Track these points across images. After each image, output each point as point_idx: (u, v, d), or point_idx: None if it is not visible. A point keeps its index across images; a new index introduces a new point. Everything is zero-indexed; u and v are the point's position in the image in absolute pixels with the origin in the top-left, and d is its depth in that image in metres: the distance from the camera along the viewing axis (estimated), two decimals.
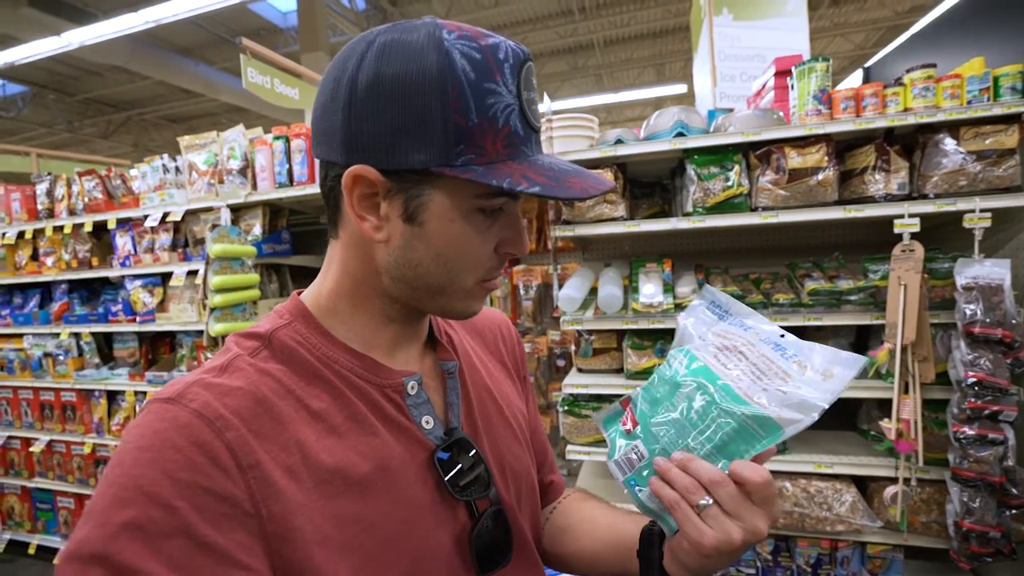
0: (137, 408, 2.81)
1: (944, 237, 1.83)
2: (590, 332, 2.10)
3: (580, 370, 2.16)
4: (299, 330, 0.55)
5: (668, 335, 1.98)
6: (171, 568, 0.40)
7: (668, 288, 1.94)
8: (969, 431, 1.51)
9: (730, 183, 1.75)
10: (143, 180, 2.70)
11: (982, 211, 1.53)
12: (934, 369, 1.60)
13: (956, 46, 2.03)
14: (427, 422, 0.58)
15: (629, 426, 0.57)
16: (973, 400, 1.49)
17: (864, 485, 1.82)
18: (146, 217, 2.56)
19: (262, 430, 0.47)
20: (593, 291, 2.11)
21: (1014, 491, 1.50)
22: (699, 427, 0.51)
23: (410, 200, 0.50)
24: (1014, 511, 1.51)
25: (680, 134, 1.81)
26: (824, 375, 0.48)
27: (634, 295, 1.96)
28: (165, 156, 2.62)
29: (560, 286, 2.10)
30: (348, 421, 0.53)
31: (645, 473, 0.54)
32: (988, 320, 1.50)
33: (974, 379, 1.48)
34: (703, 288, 0.63)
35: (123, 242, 2.77)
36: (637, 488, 0.54)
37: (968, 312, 1.52)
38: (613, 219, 1.92)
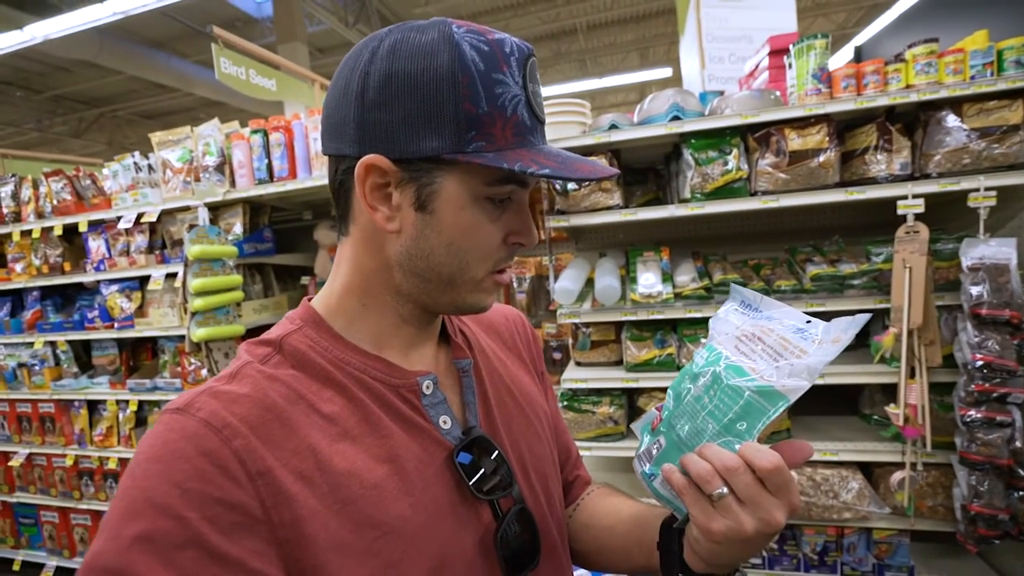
0: (120, 417, 2.71)
1: (948, 217, 1.79)
2: (587, 325, 2.05)
3: (578, 363, 2.11)
4: (309, 334, 0.55)
5: (668, 325, 1.93)
6: None
7: (667, 277, 1.89)
8: (976, 414, 1.49)
9: (729, 167, 1.69)
10: (114, 180, 2.57)
11: (987, 190, 1.49)
12: (940, 352, 1.57)
13: (952, 20, 1.98)
14: (444, 422, 0.57)
15: (656, 423, 0.57)
16: (980, 383, 1.47)
17: (870, 471, 1.80)
18: (119, 218, 2.44)
19: (272, 436, 0.47)
20: (589, 282, 2.05)
21: (1022, 473, 1.48)
22: (708, 408, 0.50)
23: (422, 188, 0.50)
24: (1023, 493, 1.50)
25: (676, 117, 1.75)
26: (833, 342, 0.48)
27: (632, 285, 1.90)
28: (136, 154, 2.49)
29: (556, 277, 2.04)
30: (361, 424, 0.52)
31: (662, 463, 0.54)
32: (995, 301, 1.47)
33: (982, 361, 1.45)
34: (732, 288, 0.61)
35: (96, 245, 2.65)
36: (652, 477, 0.53)
37: (975, 293, 1.49)
38: (608, 208, 1.86)
